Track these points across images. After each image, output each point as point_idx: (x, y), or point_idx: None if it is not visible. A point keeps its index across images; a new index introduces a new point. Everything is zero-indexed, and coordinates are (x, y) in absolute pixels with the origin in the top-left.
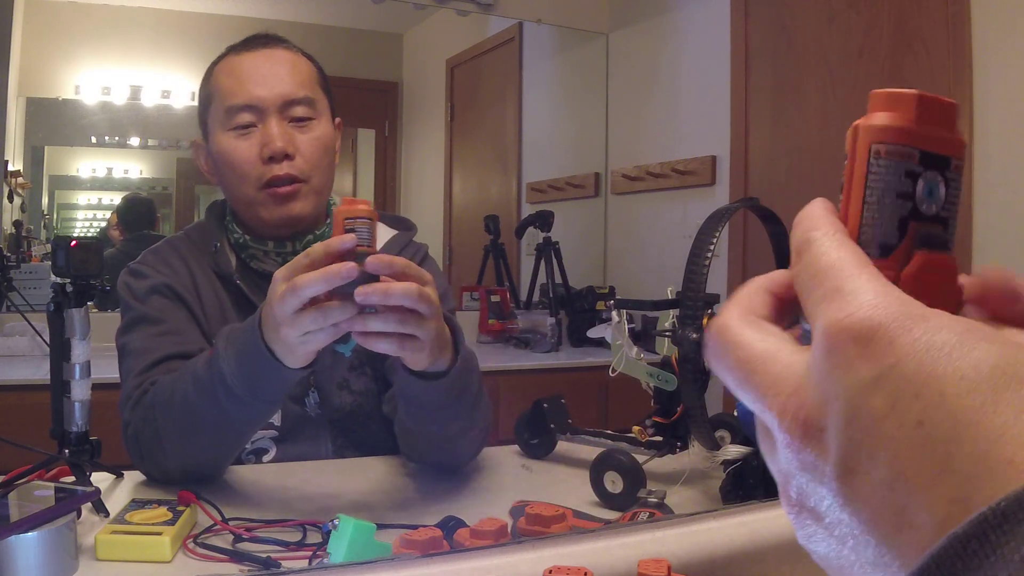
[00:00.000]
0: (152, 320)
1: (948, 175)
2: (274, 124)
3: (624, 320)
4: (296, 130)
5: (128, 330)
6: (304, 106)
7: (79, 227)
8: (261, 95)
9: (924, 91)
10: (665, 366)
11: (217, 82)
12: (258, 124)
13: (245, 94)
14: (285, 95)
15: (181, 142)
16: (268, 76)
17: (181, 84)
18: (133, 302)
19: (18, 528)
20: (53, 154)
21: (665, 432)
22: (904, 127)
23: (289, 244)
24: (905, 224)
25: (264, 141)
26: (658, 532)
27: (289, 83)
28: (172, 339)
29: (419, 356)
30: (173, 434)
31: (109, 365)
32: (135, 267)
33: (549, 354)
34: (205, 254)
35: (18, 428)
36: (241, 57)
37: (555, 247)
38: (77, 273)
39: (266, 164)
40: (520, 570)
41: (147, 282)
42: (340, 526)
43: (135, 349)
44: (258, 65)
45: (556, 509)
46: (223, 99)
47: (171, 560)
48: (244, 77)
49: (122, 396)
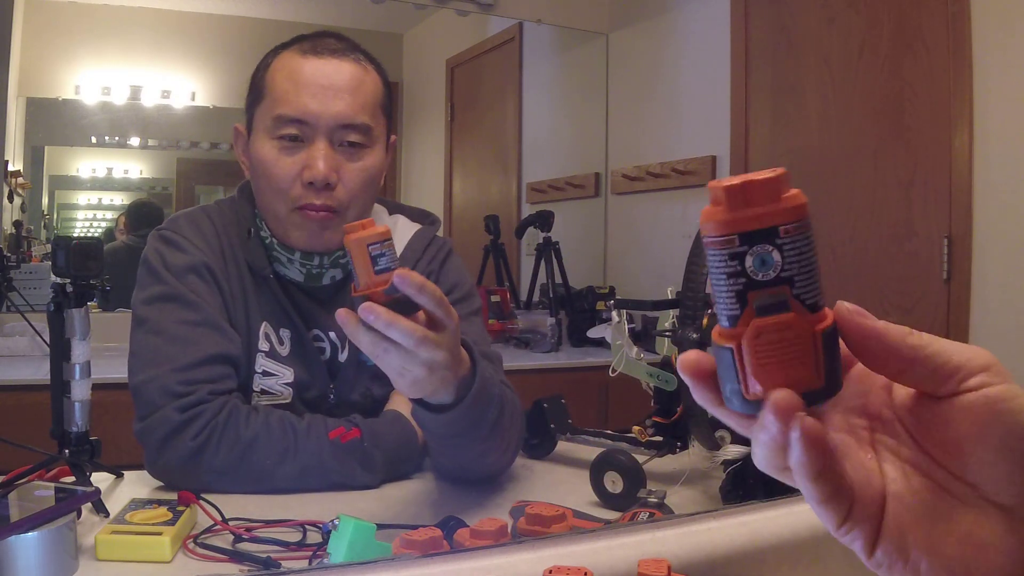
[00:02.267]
0: (188, 304)
1: (779, 241)
2: (322, 147)
3: (624, 320)
4: (345, 157)
5: (155, 303)
6: (359, 133)
7: (79, 227)
8: (316, 111)
9: (743, 177)
10: (665, 366)
11: (272, 80)
12: (305, 140)
13: (299, 106)
14: (341, 118)
15: (181, 142)
16: (328, 91)
17: (181, 84)
18: (167, 275)
19: (18, 528)
20: (53, 154)
21: (665, 432)
22: (719, 219)
23: (317, 258)
24: (743, 296)
25: (308, 163)
26: (658, 532)
27: (349, 105)
28: (211, 333)
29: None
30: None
31: (109, 365)
32: (170, 235)
33: (549, 354)
34: (237, 237)
35: (18, 428)
36: (306, 60)
37: (555, 247)
38: (77, 273)
39: (305, 187)
40: (520, 570)
41: (185, 257)
42: (340, 526)
43: (169, 331)
44: (320, 76)
45: (556, 509)
46: (274, 103)
47: (171, 560)
48: (302, 86)
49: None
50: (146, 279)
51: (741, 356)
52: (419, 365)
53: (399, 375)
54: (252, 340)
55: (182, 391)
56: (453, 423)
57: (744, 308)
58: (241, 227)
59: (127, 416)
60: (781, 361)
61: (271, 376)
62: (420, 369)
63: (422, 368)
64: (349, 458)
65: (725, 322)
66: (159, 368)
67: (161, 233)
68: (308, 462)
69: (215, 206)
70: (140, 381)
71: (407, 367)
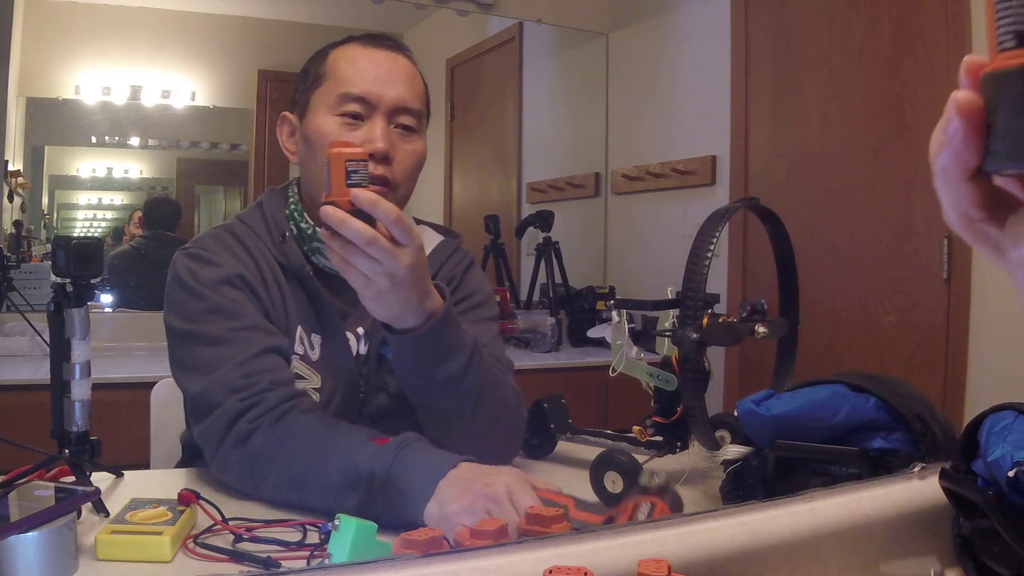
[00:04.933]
0: (229, 313)
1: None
2: (382, 124)
3: (624, 320)
4: (399, 138)
5: (198, 319)
6: (413, 117)
7: (79, 227)
8: (378, 92)
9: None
10: (665, 366)
11: (335, 65)
12: (365, 119)
13: (364, 85)
14: (400, 101)
15: (181, 142)
16: (388, 77)
17: (181, 84)
18: (202, 289)
19: (18, 528)
20: (53, 154)
21: (665, 432)
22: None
23: None
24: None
25: (369, 137)
26: (658, 532)
27: (406, 91)
28: (260, 332)
29: (376, 304)
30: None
31: (109, 365)
32: (198, 252)
33: (549, 354)
34: (267, 244)
35: (18, 428)
36: (367, 50)
37: (555, 247)
38: (77, 273)
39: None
40: (520, 570)
41: (217, 271)
42: (342, 526)
43: (218, 338)
44: (381, 63)
45: (556, 510)
46: (338, 84)
47: (171, 560)
48: (365, 69)
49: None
50: (181, 296)
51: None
52: (381, 275)
53: (365, 287)
54: (290, 342)
55: (243, 383)
56: (418, 350)
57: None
58: (272, 232)
59: (127, 416)
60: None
61: (301, 380)
62: (383, 279)
63: (385, 279)
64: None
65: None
66: (216, 371)
67: (188, 251)
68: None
69: (236, 222)
70: (201, 388)
71: (371, 277)
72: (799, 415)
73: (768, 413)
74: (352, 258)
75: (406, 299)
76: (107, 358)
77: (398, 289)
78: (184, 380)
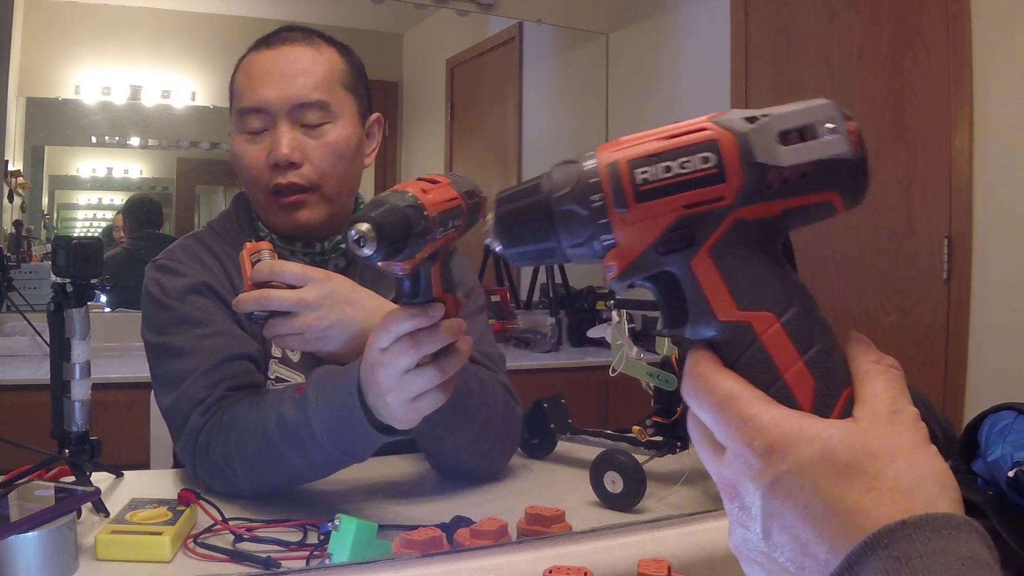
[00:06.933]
0: (196, 321)
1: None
2: (284, 130)
3: (624, 320)
4: (307, 136)
5: (167, 330)
6: (316, 110)
7: (79, 227)
8: (269, 98)
9: None
10: (665, 366)
11: (236, 81)
12: (268, 128)
13: (255, 96)
14: (294, 98)
15: (181, 142)
16: (278, 77)
17: (181, 84)
18: (169, 300)
19: (18, 528)
20: (53, 154)
21: (665, 432)
22: None
23: (318, 244)
24: None
25: (271, 148)
26: (658, 532)
27: (301, 85)
28: (225, 339)
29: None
30: (247, 463)
31: (109, 365)
32: (165, 263)
33: (549, 354)
34: (236, 249)
35: (18, 428)
36: (259, 55)
37: None
38: (77, 273)
39: (272, 170)
40: (520, 570)
41: (183, 280)
42: (342, 526)
43: (185, 349)
44: (271, 65)
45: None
46: (238, 100)
47: (171, 560)
48: (256, 78)
49: (186, 398)
50: (151, 310)
51: None
52: (304, 321)
53: (303, 343)
54: (265, 347)
55: (204, 395)
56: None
57: None
58: (240, 238)
59: (127, 416)
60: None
61: (284, 383)
62: (308, 321)
63: (309, 318)
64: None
65: None
66: (183, 384)
67: (156, 263)
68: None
69: (207, 229)
70: (170, 403)
71: (295, 329)
72: None
73: None
74: (269, 328)
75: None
76: (107, 358)
77: (334, 331)
78: (158, 396)
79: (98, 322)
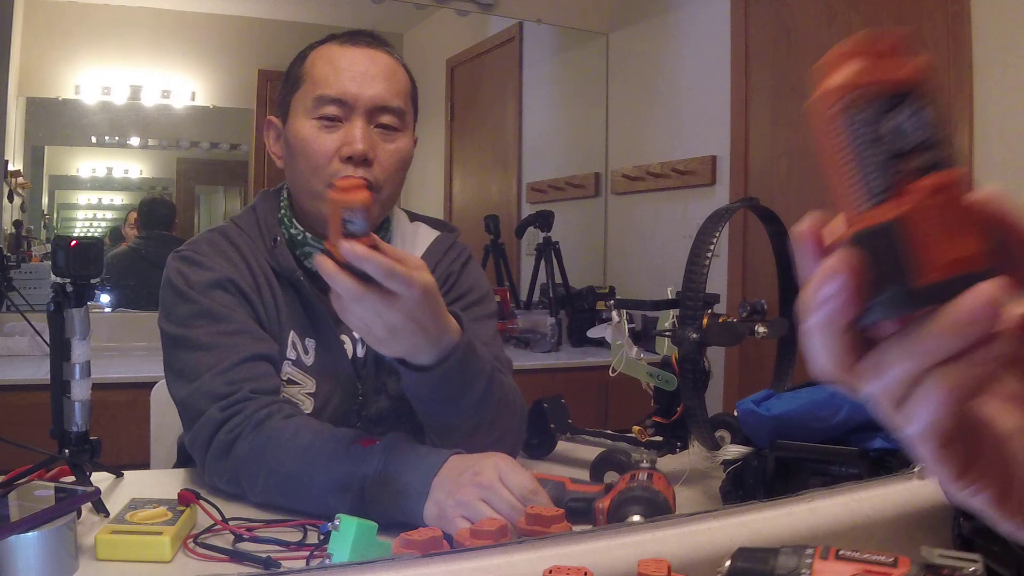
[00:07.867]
0: (218, 317)
1: (912, 105)
2: (360, 125)
3: (624, 320)
4: (380, 137)
5: (187, 323)
6: (394, 116)
7: (79, 227)
8: (355, 92)
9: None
10: (665, 366)
11: (312, 67)
12: (343, 121)
13: (339, 87)
14: (378, 100)
15: (181, 142)
16: (366, 76)
17: (181, 84)
18: (192, 293)
19: (18, 528)
20: (53, 154)
21: (665, 432)
22: (846, 83)
23: None
24: (887, 167)
25: (347, 140)
26: (658, 532)
27: (385, 89)
28: (247, 338)
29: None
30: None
31: (109, 365)
32: (190, 255)
33: (549, 354)
34: (260, 247)
35: (18, 428)
36: (344, 49)
37: (555, 247)
38: (77, 273)
39: (343, 163)
40: (520, 570)
41: (208, 274)
42: (343, 526)
43: (205, 344)
44: (358, 62)
45: (556, 509)
46: (315, 86)
47: (171, 560)
48: (342, 70)
49: (203, 391)
50: (172, 300)
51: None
52: (378, 325)
53: (365, 333)
54: (282, 348)
55: (225, 391)
56: (433, 385)
57: (891, 180)
58: (265, 236)
59: (127, 416)
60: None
61: (295, 385)
62: (380, 329)
63: (382, 328)
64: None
65: (868, 203)
66: (201, 377)
67: (181, 254)
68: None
69: (231, 224)
70: (186, 395)
71: (368, 324)
72: (799, 415)
73: (768, 413)
74: (347, 306)
75: (412, 344)
76: (107, 358)
77: (399, 336)
78: (172, 385)
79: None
